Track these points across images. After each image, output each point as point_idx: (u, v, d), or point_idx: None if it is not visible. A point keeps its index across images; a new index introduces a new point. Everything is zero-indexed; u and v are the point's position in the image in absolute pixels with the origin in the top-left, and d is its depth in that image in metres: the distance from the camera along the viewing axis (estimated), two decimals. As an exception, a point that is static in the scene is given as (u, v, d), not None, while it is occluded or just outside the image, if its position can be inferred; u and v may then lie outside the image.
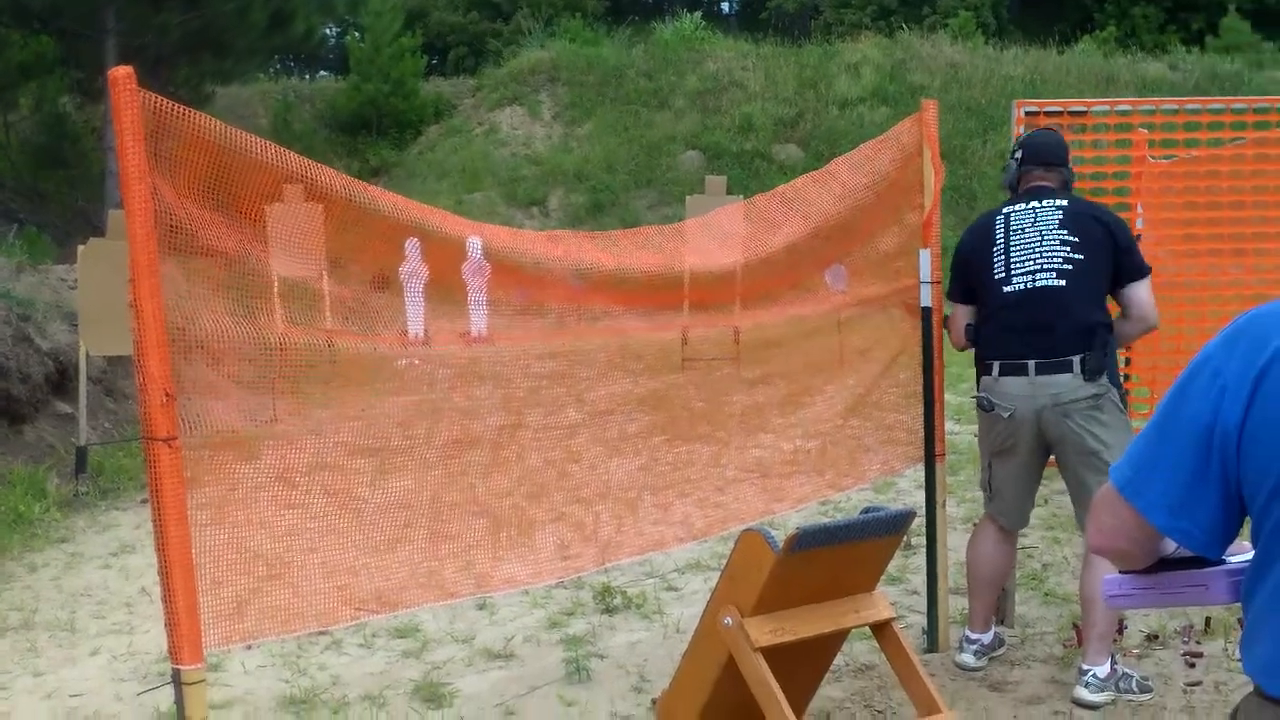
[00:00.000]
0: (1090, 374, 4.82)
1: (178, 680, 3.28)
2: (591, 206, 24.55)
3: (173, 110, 3.24)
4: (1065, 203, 5.01)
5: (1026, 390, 4.91)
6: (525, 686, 5.24)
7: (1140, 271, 4.97)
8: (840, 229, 5.34)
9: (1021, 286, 4.94)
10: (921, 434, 5.51)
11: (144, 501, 8.66)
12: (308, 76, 39.61)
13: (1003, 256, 5.02)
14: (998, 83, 27.41)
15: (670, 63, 28.61)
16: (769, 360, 5.68)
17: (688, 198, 13.16)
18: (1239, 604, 2.05)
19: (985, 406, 5.04)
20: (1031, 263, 4.94)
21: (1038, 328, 4.88)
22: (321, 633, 5.29)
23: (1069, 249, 4.90)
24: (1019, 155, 5.22)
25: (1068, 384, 4.84)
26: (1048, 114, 5.83)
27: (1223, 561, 2.08)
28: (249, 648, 5.31)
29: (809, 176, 5.41)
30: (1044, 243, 4.94)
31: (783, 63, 28.92)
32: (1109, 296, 5.00)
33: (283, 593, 3.70)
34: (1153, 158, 6.19)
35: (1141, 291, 4.97)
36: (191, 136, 3.31)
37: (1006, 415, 4.96)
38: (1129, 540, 2.08)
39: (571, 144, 26.74)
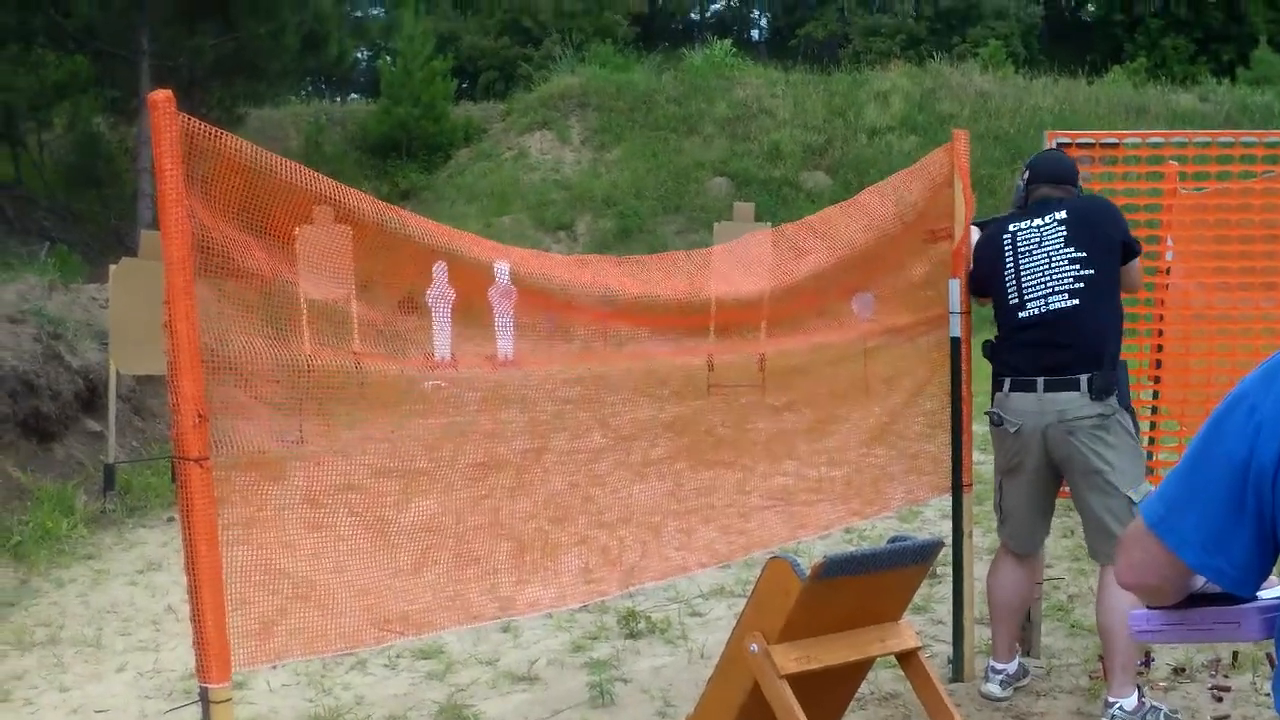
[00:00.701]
0: (1097, 393, 4.82)
1: (205, 698, 3.29)
2: (619, 232, 24.60)
3: (208, 133, 3.28)
4: (1064, 213, 5.01)
5: (1034, 406, 4.92)
6: (549, 710, 5.23)
7: (1134, 253, 5.10)
8: (868, 258, 5.35)
9: (1036, 312, 4.96)
10: (946, 464, 5.50)
11: (170, 520, 8.71)
12: (339, 99, 39.88)
13: (1014, 280, 5.04)
14: (1027, 113, 27.41)
15: (700, 89, 28.70)
16: (794, 387, 5.68)
17: (716, 224, 13.18)
18: (1270, 640, 2.03)
19: (995, 421, 5.06)
20: (1043, 286, 4.96)
21: (1053, 347, 4.91)
22: (347, 653, 5.30)
23: (1078, 266, 4.92)
24: (1026, 176, 5.26)
25: (1073, 402, 4.84)
26: (1080, 145, 5.82)
27: (1255, 598, 2.05)
28: (274, 667, 5.33)
29: (838, 206, 5.42)
30: (1052, 264, 4.96)
31: (812, 90, 28.98)
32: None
33: (309, 613, 3.71)
34: (1184, 189, 6.18)
35: (1134, 268, 5.14)
36: (226, 159, 3.34)
37: (1013, 431, 4.98)
38: (1159, 577, 2.06)
39: (600, 169, 26.82)
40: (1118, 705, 4.79)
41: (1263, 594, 2.05)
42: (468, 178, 27.24)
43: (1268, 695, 5.11)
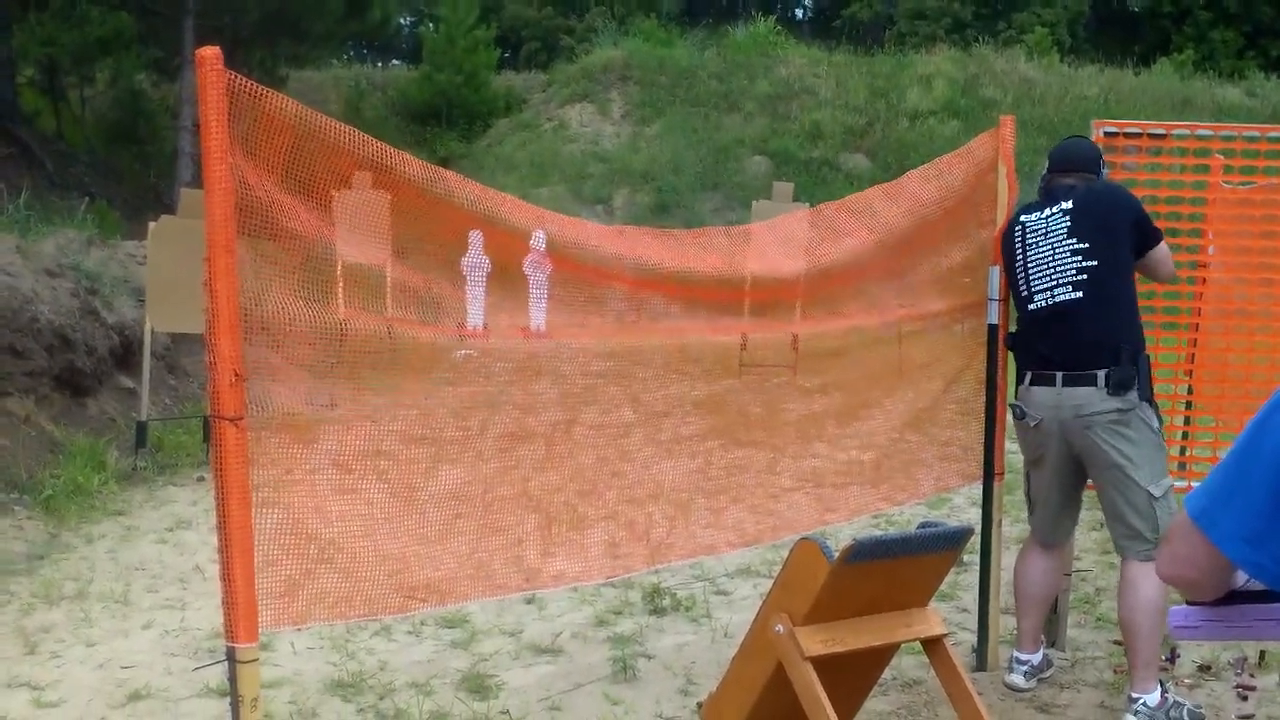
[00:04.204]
0: (1115, 388, 4.79)
1: (232, 658, 3.30)
2: (656, 207, 24.54)
3: (253, 91, 3.27)
4: (1069, 204, 4.97)
5: (1053, 400, 4.92)
6: (571, 683, 5.24)
7: (1152, 241, 5.00)
8: (907, 241, 5.31)
9: (1043, 304, 4.96)
10: (978, 452, 5.47)
11: (200, 479, 8.77)
12: (380, 65, 39.90)
13: (1023, 273, 5.05)
14: (1071, 101, 27.22)
15: (742, 66, 28.58)
16: (827, 370, 5.65)
17: (754, 203, 13.17)
18: None
19: (1017, 414, 5.08)
20: (1047, 279, 4.95)
21: (1064, 341, 4.90)
22: (371, 619, 5.31)
23: (1080, 258, 4.89)
24: (1047, 165, 5.23)
25: (1091, 397, 4.82)
26: (1127, 135, 5.75)
27: None
28: (299, 630, 5.36)
29: (880, 188, 5.39)
30: (1055, 256, 4.94)
31: (854, 71, 28.83)
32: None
33: (335, 578, 3.72)
34: (1227, 183, 6.10)
35: (1157, 256, 5.04)
36: (271, 118, 3.33)
37: (1033, 425, 4.99)
38: (1199, 570, 2.05)
39: (640, 143, 26.75)
40: (1141, 701, 4.76)
41: None
42: (507, 147, 27.22)
43: (1293, 695, 5.08)
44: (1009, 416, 5.26)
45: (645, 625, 5.97)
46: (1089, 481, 5.12)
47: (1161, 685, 4.84)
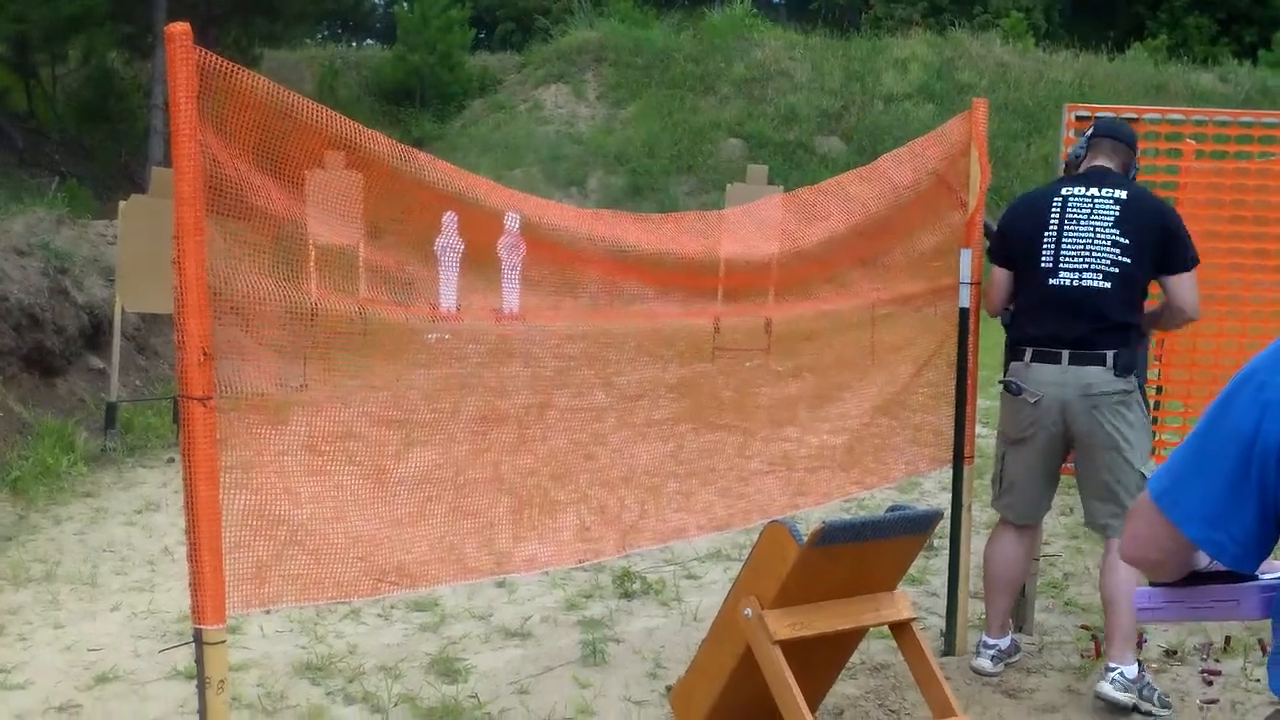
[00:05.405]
0: (1122, 370, 4.83)
1: (199, 640, 3.29)
2: (630, 189, 24.51)
3: (224, 68, 3.24)
4: (1124, 195, 4.92)
5: (1057, 378, 4.89)
6: (540, 666, 5.24)
7: (1186, 264, 4.91)
8: (881, 225, 5.31)
9: (1067, 283, 4.90)
10: (949, 436, 5.48)
11: (170, 461, 8.73)
12: (354, 44, 39.69)
13: (1053, 246, 4.95)
14: (1046, 86, 27.26)
15: (718, 49, 28.52)
16: (800, 354, 5.65)
17: (729, 186, 13.16)
18: (1266, 621, 2.03)
19: (1013, 390, 5.02)
20: (1080, 260, 4.89)
21: (1078, 320, 4.87)
22: (341, 602, 5.30)
23: (1118, 251, 4.86)
24: (1090, 131, 5.18)
25: (1099, 377, 4.83)
26: (1099, 119, 5.77)
27: (1255, 577, 2.07)
28: (268, 612, 5.34)
29: (855, 172, 5.38)
30: (1095, 240, 4.88)
31: (830, 55, 28.81)
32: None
33: (304, 560, 3.70)
34: (1198, 167, 6.12)
35: (1185, 283, 4.92)
36: (242, 95, 3.30)
37: (1034, 401, 4.94)
38: (1161, 551, 2.06)
39: (614, 125, 26.70)
40: (1119, 671, 4.78)
41: (1263, 575, 2.06)
42: (481, 129, 27.12)
43: (1258, 680, 5.12)
44: (980, 401, 5.27)
45: (615, 609, 5.97)
46: (1065, 464, 5.14)
47: (1139, 664, 4.87)
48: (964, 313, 5.34)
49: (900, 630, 4.29)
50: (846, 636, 4.33)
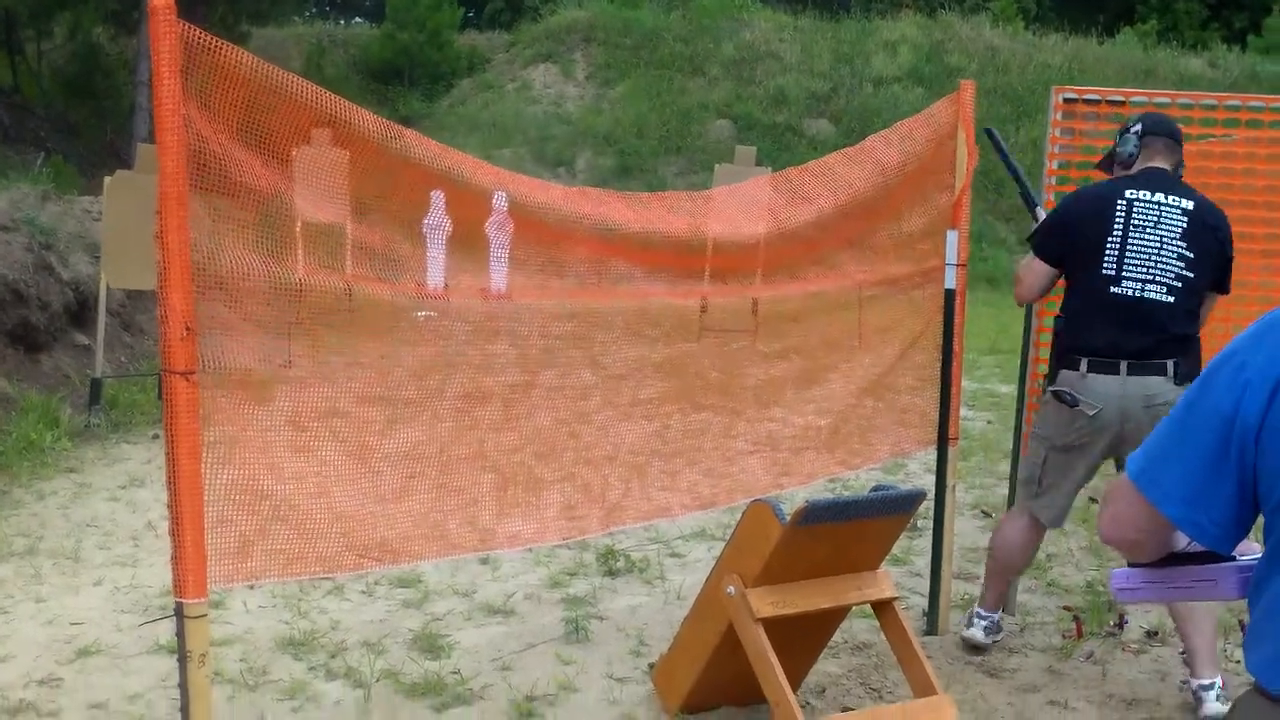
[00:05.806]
0: (1183, 379, 4.67)
1: (180, 613, 3.29)
2: (619, 170, 24.50)
3: (209, 43, 3.22)
4: (1191, 206, 4.77)
5: (1116, 389, 4.72)
6: (523, 643, 5.25)
7: (1225, 289, 4.89)
8: (868, 206, 5.31)
9: (1130, 293, 4.73)
10: (934, 417, 5.48)
11: (155, 436, 8.71)
12: (342, 22, 39.55)
13: (1116, 253, 4.76)
14: (1035, 70, 27.27)
15: (707, 30, 28.50)
16: (787, 335, 5.66)
17: (717, 166, 13.13)
18: (1244, 601, 2.04)
19: (1068, 401, 4.80)
20: (1145, 271, 4.73)
21: (1139, 332, 4.72)
22: (324, 577, 5.31)
23: (1183, 265, 4.72)
24: (1138, 128, 4.95)
25: (1161, 386, 4.68)
26: (1087, 102, 5.76)
27: (1233, 558, 2.07)
28: (251, 587, 5.35)
29: (842, 153, 5.37)
30: (1162, 251, 4.72)
31: (820, 37, 28.80)
32: None
33: (288, 535, 3.70)
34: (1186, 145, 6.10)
35: (1214, 301, 4.92)
36: (226, 71, 3.29)
37: (1092, 413, 4.77)
38: (1139, 530, 2.07)
39: (603, 106, 26.67)
40: (1216, 685, 4.71)
41: (1240, 556, 2.06)
42: (469, 108, 27.08)
43: (1238, 662, 5.14)
44: (964, 383, 5.25)
45: (599, 587, 5.98)
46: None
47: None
48: (949, 294, 5.33)
49: (882, 609, 4.31)
50: (829, 615, 4.34)
